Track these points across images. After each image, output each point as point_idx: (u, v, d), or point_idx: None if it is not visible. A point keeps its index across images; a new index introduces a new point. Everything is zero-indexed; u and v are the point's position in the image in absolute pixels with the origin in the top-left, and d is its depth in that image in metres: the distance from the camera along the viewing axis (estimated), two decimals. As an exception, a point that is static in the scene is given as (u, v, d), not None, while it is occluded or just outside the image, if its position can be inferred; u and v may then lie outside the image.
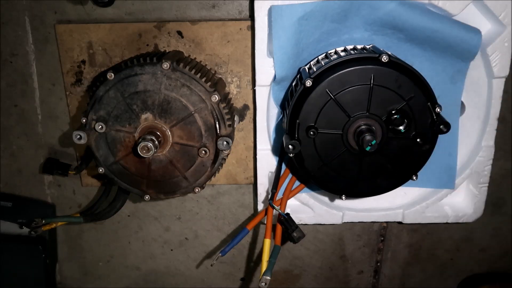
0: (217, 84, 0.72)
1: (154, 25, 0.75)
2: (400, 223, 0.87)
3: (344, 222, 0.83)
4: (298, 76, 0.70)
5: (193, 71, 0.65)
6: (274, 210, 0.68)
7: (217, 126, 0.66)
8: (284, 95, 0.74)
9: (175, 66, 0.64)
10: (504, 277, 0.97)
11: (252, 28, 0.72)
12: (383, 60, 0.60)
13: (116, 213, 0.81)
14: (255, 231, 0.93)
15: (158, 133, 0.66)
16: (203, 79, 0.65)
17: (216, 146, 0.66)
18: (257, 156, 0.77)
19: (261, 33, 0.68)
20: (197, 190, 0.70)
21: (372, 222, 0.85)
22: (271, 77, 0.71)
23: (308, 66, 0.70)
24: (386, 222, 0.93)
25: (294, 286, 0.99)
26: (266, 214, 0.70)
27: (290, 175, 0.76)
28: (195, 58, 0.76)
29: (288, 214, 0.68)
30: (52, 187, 0.89)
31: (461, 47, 0.67)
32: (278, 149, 0.77)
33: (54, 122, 0.83)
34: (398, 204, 0.83)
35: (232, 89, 0.78)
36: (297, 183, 0.76)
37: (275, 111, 0.75)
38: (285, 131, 0.66)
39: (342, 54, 0.66)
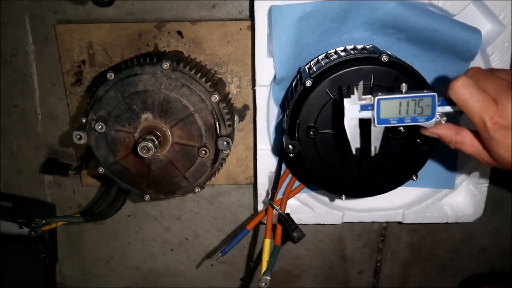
0: (217, 84, 0.72)
1: (154, 25, 0.75)
2: (400, 223, 0.87)
3: (344, 222, 0.83)
4: (298, 76, 0.70)
5: (193, 71, 0.65)
6: (274, 210, 0.68)
7: (217, 126, 0.66)
8: (284, 95, 0.74)
9: (175, 66, 0.64)
10: (504, 277, 0.97)
11: (252, 28, 0.72)
12: (383, 60, 0.60)
13: (116, 213, 0.81)
14: (255, 231, 0.93)
15: (158, 133, 0.66)
16: (203, 79, 0.65)
17: (216, 146, 0.66)
18: (257, 156, 0.77)
19: (261, 33, 0.68)
20: (197, 190, 0.70)
21: (372, 222, 0.85)
22: (271, 77, 0.71)
23: (308, 66, 0.70)
24: (386, 222, 0.93)
25: (294, 286, 0.99)
26: (266, 214, 0.70)
27: (290, 175, 0.76)
28: (195, 58, 0.76)
29: (288, 214, 0.68)
30: (52, 187, 0.89)
31: (461, 47, 0.67)
32: (278, 149, 0.77)
33: (54, 122, 0.83)
34: (398, 204, 0.83)
35: (232, 89, 0.78)
36: (297, 183, 0.76)
37: (275, 111, 0.75)
38: (285, 131, 0.66)
39: (342, 54, 0.66)
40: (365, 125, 0.56)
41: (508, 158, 0.49)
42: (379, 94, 0.52)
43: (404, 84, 0.52)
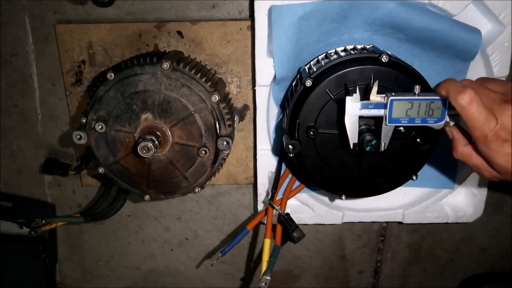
0: (217, 84, 0.72)
1: (154, 25, 0.75)
2: (400, 223, 0.87)
3: (344, 222, 0.83)
4: (298, 76, 0.70)
5: (193, 71, 0.65)
6: (274, 210, 0.68)
7: (217, 126, 0.66)
8: (284, 95, 0.74)
9: (175, 66, 0.64)
10: (504, 277, 0.97)
11: (252, 28, 0.72)
12: (383, 60, 0.60)
13: (116, 213, 0.81)
14: (255, 231, 0.93)
15: (158, 133, 0.66)
16: (203, 79, 0.65)
17: (216, 146, 0.66)
18: (257, 156, 0.77)
19: (261, 33, 0.68)
20: (197, 190, 0.70)
21: (372, 222, 0.85)
22: (271, 77, 0.71)
23: (308, 66, 0.70)
24: (386, 222, 0.93)
25: (294, 286, 0.99)
26: (266, 214, 0.70)
27: (290, 175, 0.76)
28: (195, 58, 0.76)
29: (288, 214, 0.68)
30: (52, 187, 0.89)
31: (461, 47, 0.67)
32: (278, 149, 0.77)
33: (54, 122, 0.83)
34: (398, 204, 0.83)
35: (232, 89, 0.78)
36: (297, 183, 0.77)
37: (275, 111, 0.75)
38: (285, 131, 0.66)
39: (342, 54, 0.66)
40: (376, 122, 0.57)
41: (507, 167, 0.52)
42: (393, 94, 0.55)
43: (417, 86, 0.54)
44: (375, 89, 0.55)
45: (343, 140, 0.63)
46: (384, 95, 0.55)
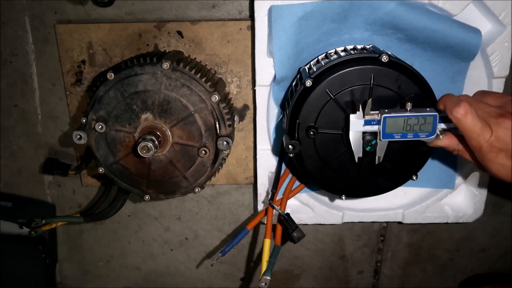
0: (217, 84, 0.72)
1: (154, 25, 0.75)
2: (400, 223, 0.87)
3: (344, 222, 0.83)
4: (298, 76, 0.70)
5: (193, 71, 0.65)
6: (274, 210, 0.68)
7: (217, 126, 0.66)
8: (284, 95, 0.74)
9: (175, 66, 0.64)
10: (504, 277, 0.97)
11: (252, 28, 0.72)
12: (383, 60, 0.60)
13: (116, 213, 0.81)
14: (255, 231, 0.93)
15: (158, 133, 0.66)
16: (203, 79, 0.65)
17: (216, 146, 0.66)
18: (257, 156, 0.77)
19: (261, 33, 0.68)
20: (197, 190, 0.70)
21: (372, 222, 0.85)
22: (271, 77, 0.71)
23: (308, 66, 0.70)
24: (386, 222, 0.93)
25: (294, 286, 0.99)
26: (266, 214, 0.70)
27: (290, 175, 0.76)
28: (195, 58, 0.76)
29: (288, 214, 0.68)
30: (52, 187, 0.89)
31: (461, 47, 0.67)
32: (278, 149, 0.77)
33: (54, 122, 0.83)
34: (398, 204, 0.83)
35: (232, 89, 0.78)
36: (297, 183, 0.76)
37: (275, 111, 0.75)
38: (285, 131, 0.66)
39: (342, 54, 0.66)
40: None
41: (501, 176, 0.55)
42: (386, 111, 0.57)
43: (409, 103, 0.57)
44: (369, 105, 0.58)
45: (349, 150, 0.63)
46: (378, 111, 0.58)
